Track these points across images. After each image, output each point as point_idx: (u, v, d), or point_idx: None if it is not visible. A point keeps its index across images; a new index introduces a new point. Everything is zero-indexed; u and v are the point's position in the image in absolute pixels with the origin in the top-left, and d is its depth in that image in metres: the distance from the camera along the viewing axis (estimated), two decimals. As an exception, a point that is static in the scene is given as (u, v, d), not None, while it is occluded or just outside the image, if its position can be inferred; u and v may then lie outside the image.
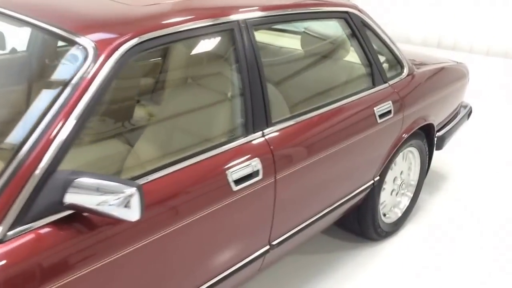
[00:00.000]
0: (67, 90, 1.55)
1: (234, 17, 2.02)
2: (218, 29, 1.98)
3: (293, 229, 2.28)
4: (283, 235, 2.22)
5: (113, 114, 2.43)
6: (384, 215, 3.07)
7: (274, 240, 2.18)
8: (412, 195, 3.23)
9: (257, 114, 2.03)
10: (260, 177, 1.96)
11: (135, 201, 1.40)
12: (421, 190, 3.38)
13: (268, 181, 2.00)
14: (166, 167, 1.73)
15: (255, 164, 1.95)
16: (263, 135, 2.04)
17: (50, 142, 1.45)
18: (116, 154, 2.24)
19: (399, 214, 3.15)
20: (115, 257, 1.54)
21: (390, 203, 3.09)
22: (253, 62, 2.03)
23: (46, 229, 1.41)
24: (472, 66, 4.04)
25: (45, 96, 1.61)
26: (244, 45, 2.02)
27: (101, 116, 2.40)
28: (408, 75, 2.86)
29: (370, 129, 2.52)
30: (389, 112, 2.62)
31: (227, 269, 2.01)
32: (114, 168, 2.14)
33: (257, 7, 2.15)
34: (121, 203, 1.39)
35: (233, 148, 1.93)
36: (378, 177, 2.75)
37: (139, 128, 2.39)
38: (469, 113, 3.71)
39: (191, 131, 2.15)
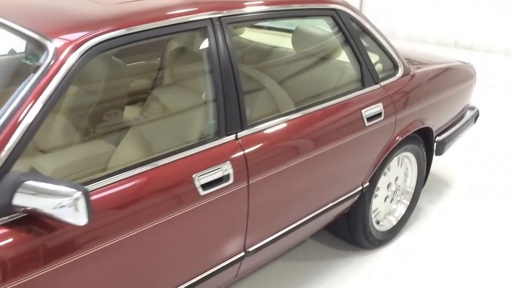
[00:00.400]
0: (21, 94, 1.50)
1: (207, 14, 1.93)
2: (190, 27, 1.90)
3: (271, 235, 2.18)
4: (259, 242, 2.13)
5: (101, 114, 2.39)
6: (378, 222, 2.94)
7: (250, 247, 2.09)
8: (408, 203, 3.09)
9: (230, 116, 1.94)
10: (230, 181, 1.87)
11: (81, 205, 1.35)
12: (421, 198, 3.26)
13: (240, 186, 1.91)
14: (134, 168, 1.68)
15: (226, 168, 1.86)
16: (236, 138, 1.95)
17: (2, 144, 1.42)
18: (101, 154, 2.18)
19: (394, 223, 3.02)
20: (70, 261, 1.49)
21: (384, 211, 2.97)
22: (227, 61, 1.95)
23: None
24: (490, 66, 3.83)
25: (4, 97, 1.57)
26: (218, 43, 1.93)
27: (89, 116, 2.37)
28: (403, 76, 2.73)
29: (357, 133, 2.40)
30: (379, 115, 2.51)
31: (199, 274, 1.93)
32: (97, 168, 2.08)
33: (233, 4, 2.06)
34: (68, 206, 1.34)
35: (203, 151, 1.85)
36: (367, 183, 2.63)
37: (124, 129, 2.32)
38: (476, 117, 3.57)
39: (169, 133, 2.08)
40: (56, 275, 1.47)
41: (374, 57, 2.69)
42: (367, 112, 2.44)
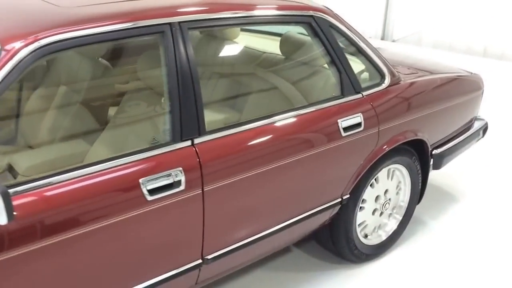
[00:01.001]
0: None
1: (166, 19, 1.92)
2: (147, 32, 1.90)
3: (232, 244, 2.13)
4: (219, 250, 2.09)
5: (83, 114, 2.44)
6: (366, 236, 2.84)
7: (209, 255, 2.05)
8: (401, 218, 2.97)
9: (186, 122, 1.91)
10: (182, 188, 1.84)
11: (0, 206, 1.36)
12: (421, 212, 3.14)
13: (193, 193, 1.88)
14: (81, 168, 1.69)
15: (176, 174, 1.83)
16: (192, 144, 1.92)
17: None
18: (77, 154, 2.20)
19: (383, 238, 2.91)
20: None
21: (373, 224, 2.86)
22: (186, 66, 1.92)
23: None
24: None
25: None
26: (176, 48, 1.91)
27: (72, 115, 2.41)
28: (391, 86, 2.64)
29: (332, 143, 2.33)
30: (358, 125, 2.42)
31: (152, 278, 1.91)
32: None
33: (197, 8, 2.04)
34: None
35: (152, 156, 1.83)
36: (348, 195, 2.54)
37: (101, 130, 2.34)
38: (484, 129, 3.41)
39: (128, 137, 2.08)
40: None
41: (360, 66, 2.61)
42: (344, 122, 2.37)
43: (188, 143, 1.91)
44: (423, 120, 2.78)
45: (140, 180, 1.75)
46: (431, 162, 3.00)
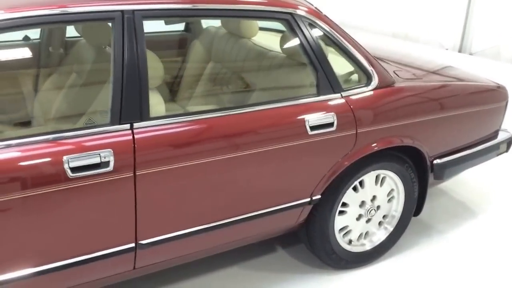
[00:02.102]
0: None
1: (117, 7, 1.92)
2: (98, 17, 1.92)
3: (172, 233, 2.07)
4: (155, 237, 2.04)
5: None
6: (350, 242, 2.67)
7: (143, 240, 2.01)
8: (392, 229, 2.76)
9: (127, 106, 1.90)
10: (109, 169, 1.83)
11: None
12: (427, 226, 2.93)
13: (123, 175, 1.86)
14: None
15: (105, 155, 1.82)
16: (130, 128, 1.90)
17: None
18: None
19: (367, 248, 2.72)
20: None
21: (359, 230, 2.67)
22: (133, 53, 1.91)
23: None
24: None
25: None
26: (125, 34, 1.91)
27: None
28: (379, 88, 2.46)
29: (296, 140, 2.21)
30: (330, 125, 2.28)
31: (83, 255, 1.91)
32: None
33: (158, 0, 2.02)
34: None
35: (82, 135, 1.83)
36: (319, 196, 2.39)
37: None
38: (509, 143, 3.09)
39: (72, 112, 2.11)
40: None
41: (350, 67, 2.46)
42: (312, 120, 2.23)
43: (127, 126, 1.89)
44: (418, 127, 2.57)
45: (64, 157, 1.76)
46: (432, 172, 2.75)
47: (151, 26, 2.32)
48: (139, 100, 1.91)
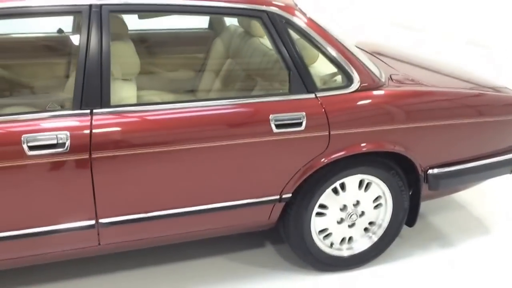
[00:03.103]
0: None
1: (86, 1, 2.06)
2: (67, 10, 2.09)
3: (132, 215, 2.17)
4: (115, 217, 2.16)
5: None
6: (332, 245, 2.61)
7: (103, 219, 2.14)
8: (377, 239, 2.67)
9: (88, 94, 2.03)
10: (65, 149, 1.97)
11: None
12: (426, 238, 2.85)
13: (78, 156, 2.00)
14: None
15: (61, 136, 1.96)
16: (90, 114, 2.03)
17: None
18: None
19: (344, 254, 2.64)
20: None
21: (341, 234, 2.61)
22: (97, 44, 2.04)
23: None
24: None
25: None
26: (90, 26, 2.05)
27: None
28: (361, 91, 2.39)
29: (259, 137, 2.22)
30: (298, 124, 2.26)
31: (45, 226, 2.07)
32: None
33: None
34: None
35: (42, 118, 1.99)
36: (290, 194, 2.38)
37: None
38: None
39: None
40: None
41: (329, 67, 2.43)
42: (277, 118, 2.23)
43: (87, 112, 2.03)
44: (404, 133, 2.45)
45: (22, 137, 1.92)
46: (426, 182, 2.62)
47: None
48: (100, 89, 2.04)
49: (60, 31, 3.13)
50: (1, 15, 1.99)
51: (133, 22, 2.85)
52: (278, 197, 2.37)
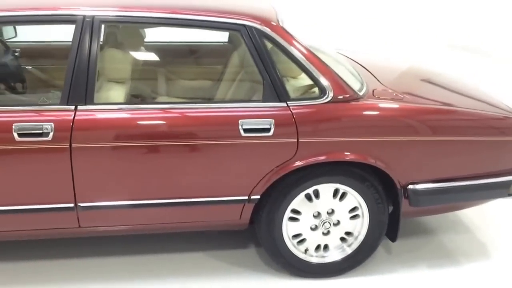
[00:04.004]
0: None
1: (81, 12, 2.35)
2: (64, 19, 2.38)
3: (107, 201, 2.41)
4: (92, 202, 2.40)
5: None
6: (306, 251, 2.68)
7: (81, 203, 2.38)
8: (350, 252, 2.69)
9: (75, 91, 2.31)
10: (48, 138, 2.25)
11: None
12: (417, 257, 2.83)
13: (59, 145, 2.27)
14: None
15: (47, 127, 2.25)
16: (74, 109, 2.30)
17: None
18: None
19: (313, 261, 2.69)
20: None
21: (315, 241, 2.67)
22: (85, 49, 2.32)
23: None
24: None
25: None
26: (82, 34, 2.32)
27: None
28: (332, 102, 2.46)
29: (228, 140, 2.37)
30: (266, 130, 2.38)
31: (28, 205, 2.36)
32: None
33: (115, 7, 2.39)
34: None
35: (33, 110, 2.30)
36: (258, 196, 2.49)
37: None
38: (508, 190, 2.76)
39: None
40: None
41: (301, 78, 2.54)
42: (245, 123, 2.37)
43: (72, 107, 2.30)
44: (377, 146, 2.49)
45: (13, 125, 2.23)
46: (406, 197, 2.61)
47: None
48: (85, 88, 2.31)
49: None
50: (7, 22, 2.33)
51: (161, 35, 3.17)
52: (246, 197, 2.49)
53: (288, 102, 2.44)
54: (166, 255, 2.85)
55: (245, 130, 2.37)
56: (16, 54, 3.11)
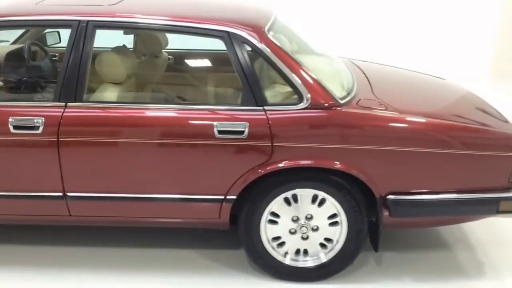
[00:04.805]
0: None
1: (76, 17, 2.56)
2: (60, 24, 2.64)
3: (93, 193, 2.58)
4: (79, 193, 2.58)
5: None
6: (286, 254, 2.71)
7: (69, 192, 2.58)
8: (325, 261, 2.69)
9: (66, 90, 2.52)
10: (39, 132, 2.46)
11: None
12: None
13: (48, 138, 2.47)
14: None
15: (37, 121, 2.47)
16: (64, 106, 2.50)
17: None
18: None
19: (286, 262, 2.71)
20: None
21: (295, 245, 2.69)
22: (78, 51, 2.52)
23: None
24: None
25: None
26: (76, 38, 2.53)
27: None
28: (309, 109, 2.49)
29: (202, 140, 2.47)
30: (240, 132, 2.46)
31: (21, 191, 2.59)
32: None
33: (107, 12, 2.58)
34: None
35: (28, 106, 2.54)
36: (234, 196, 2.56)
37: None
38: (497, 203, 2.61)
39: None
40: None
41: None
42: (220, 125, 2.46)
43: (62, 104, 2.50)
44: (353, 154, 2.49)
45: (9, 119, 2.46)
46: (386, 207, 2.58)
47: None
48: (75, 87, 2.50)
49: (124, 46, 3.69)
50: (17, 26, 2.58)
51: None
52: (223, 197, 2.57)
53: (265, 107, 2.50)
54: (159, 250, 2.97)
55: (220, 132, 2.46)
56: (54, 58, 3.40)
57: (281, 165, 2.49)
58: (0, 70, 2.98)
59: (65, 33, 3.45)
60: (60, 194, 2.58)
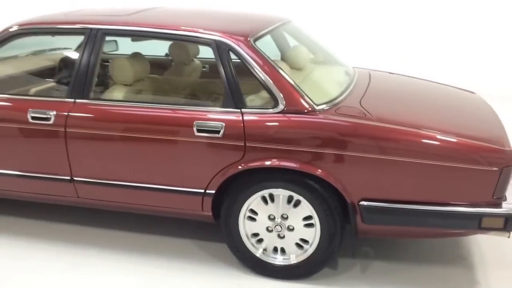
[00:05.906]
0: None
1: (89, 26, 2.93)
2: (77, 31, 2.98)
3: (97, 179, 2.90)
4: (85, 178, 2.92)
5: None
6: (265, 250, 2.83)
7: (76, 177, 2.92)
8: (295, 262, 2.77)
9: (76, 88, 2.88)
10: (50, 122, 2.84)
11: None
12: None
13: (57, 128, 2.85)
14: None
15: (50, 113, 2.85)
16: (74, 102, 2.86)
17: None
18: None
19: (263, 259, 2.82)
20: None
21: (271, 242, 2.80)
22: (90, 52, 2.87)
23: None
24: None
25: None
26: (87, 43, 2.88)
27: None
28: (284, 113, 2.60)
29: (183, 137, 2.69)
30: (216, 132, 2.63)
31: (35, 173, 3.00)
32: None
33: (117, 23, 2.91)
34: None
35: (45, 100, 2.94)
36: (213, 191, 2.74)
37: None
38: (506, 220, 2.49)
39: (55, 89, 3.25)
40: None
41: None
42: (199, 124, 2.66)
43: (72, 100, 2.87)
44: (322, 158, 2.55)
45: (29, 109, 2.88)
46: (359, 213, 2.60)
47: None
48: (84, 85, 2.85)
49: (166, 55, 4.02)
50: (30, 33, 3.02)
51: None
52: (203, 190, 2.76)
53: (242, 109, 2.65)
54: (159, 237, 3.23)
55: (198, 130, 2.66)
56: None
57: (253, 164, 2.62)
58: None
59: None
60: (68, 177, 2.95)
